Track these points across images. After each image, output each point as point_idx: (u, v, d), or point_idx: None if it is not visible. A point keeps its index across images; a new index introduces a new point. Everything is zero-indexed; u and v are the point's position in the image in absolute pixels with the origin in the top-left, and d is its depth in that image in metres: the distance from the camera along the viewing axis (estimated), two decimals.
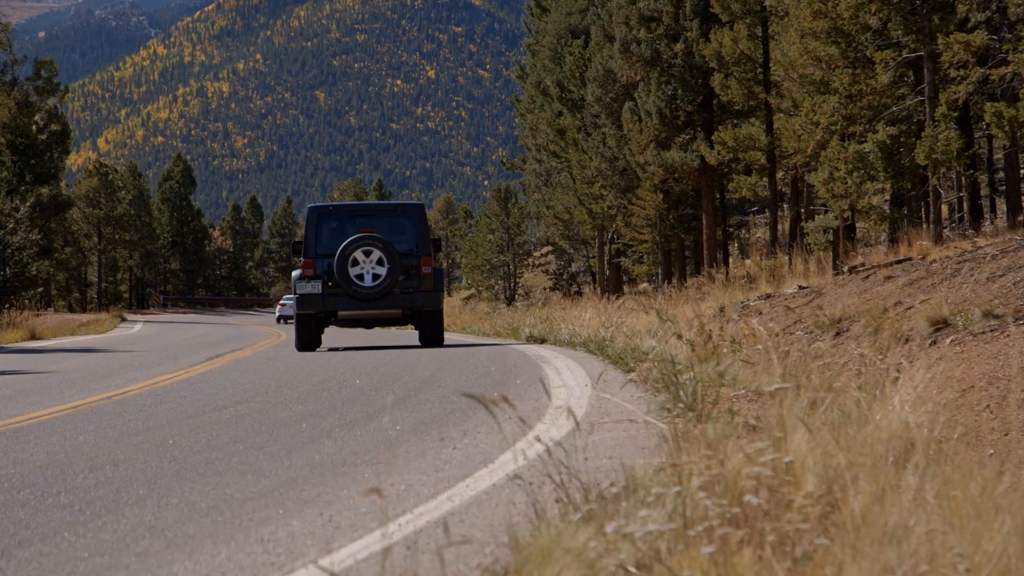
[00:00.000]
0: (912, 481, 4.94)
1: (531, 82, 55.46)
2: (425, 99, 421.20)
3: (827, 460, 5.24)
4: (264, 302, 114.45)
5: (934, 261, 18.50)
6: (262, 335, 33.61)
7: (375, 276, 22.69)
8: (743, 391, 10.12)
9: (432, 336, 23.76)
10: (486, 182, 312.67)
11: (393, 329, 44.15)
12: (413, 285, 23.06)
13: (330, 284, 22.84)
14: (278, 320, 65.08)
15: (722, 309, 23.24)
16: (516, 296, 57.51)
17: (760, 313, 20.27)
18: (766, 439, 5.56)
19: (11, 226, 41.43)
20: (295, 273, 23.36)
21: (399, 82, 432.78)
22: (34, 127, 64.75)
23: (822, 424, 6.06)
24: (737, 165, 37.63)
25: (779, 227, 40.93)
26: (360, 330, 38.78)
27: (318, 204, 23.85)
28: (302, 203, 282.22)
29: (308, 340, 23.26)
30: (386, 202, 28.34)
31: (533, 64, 56.51)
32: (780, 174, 39.84)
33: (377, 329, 40.53)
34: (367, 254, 22.64)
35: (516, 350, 21.58)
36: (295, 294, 23.17)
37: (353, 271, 22.65)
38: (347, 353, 20.95)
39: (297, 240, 23.86)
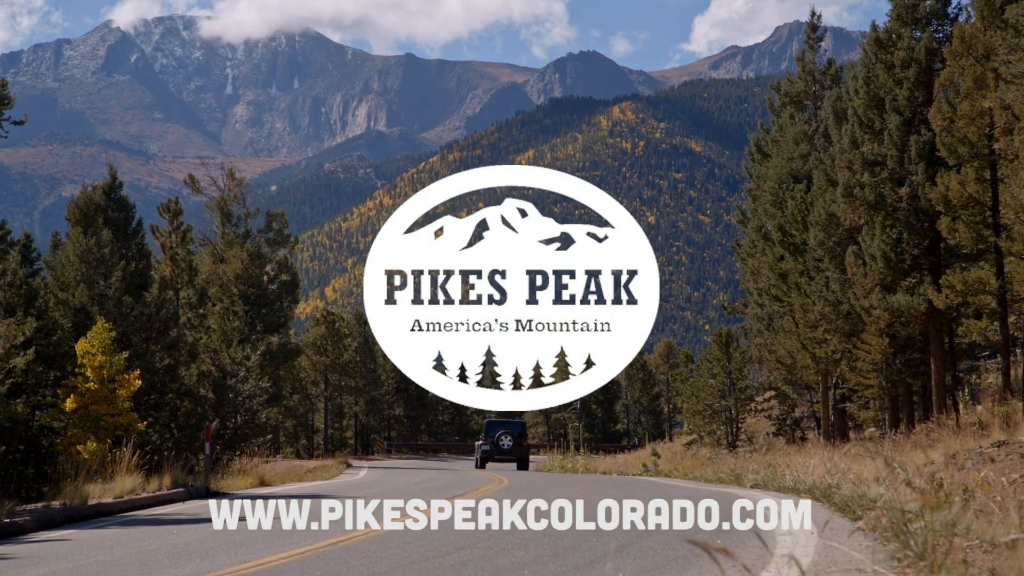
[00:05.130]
0: None
1: (752, 226, 55.21)
2: None
3: None
4: None
5: None
6: (483, 480, 33.78)
7: (508, 445, 53.49)
8: (977, 541, 9.80)
9: (524, 467, 53.28)
10: (707, 326, 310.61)
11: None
12: (519, 448, 53.58)
13: (491, 447, 53.68)
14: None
15: (953, 456, 22.60)
16: (738, 441, 56.74)
17: (993, 461, 19.66)
18: None
19: (242, 374, 42.58)
20: (478, 442, 55.50)
21: None
22: (265, 277, 66.15)
23: None
24: (966, 309, 36.74)
25: (1012, 372, 39.67)
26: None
27: (489, 419, 57.20)
28: None
29: (482, 466, 53.02)
30: (512, 419, 58.03)
31: (754, 209, 56.29)
32: (1012, 318, 38.78)
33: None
34: (505, 436, 53.63)
35: (739, 496, 21.37)
36: (478, 451, 54.75)
37: (500, 443, 53.57)
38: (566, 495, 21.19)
39: (478, 429, 63.95)
